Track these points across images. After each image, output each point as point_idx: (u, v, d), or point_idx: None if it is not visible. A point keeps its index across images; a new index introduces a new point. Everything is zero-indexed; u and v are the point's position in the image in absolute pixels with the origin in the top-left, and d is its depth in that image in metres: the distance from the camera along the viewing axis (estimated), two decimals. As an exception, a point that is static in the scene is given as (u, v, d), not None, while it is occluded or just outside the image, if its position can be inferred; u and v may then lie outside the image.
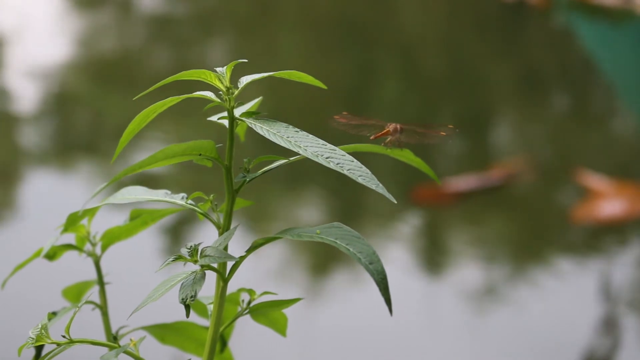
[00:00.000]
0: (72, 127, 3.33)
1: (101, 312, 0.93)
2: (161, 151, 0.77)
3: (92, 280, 0.94)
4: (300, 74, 0.80)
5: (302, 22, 4.55)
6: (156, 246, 2.29)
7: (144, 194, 0.84)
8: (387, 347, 1.99)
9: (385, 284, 0.68)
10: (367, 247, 0.70)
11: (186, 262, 0.74)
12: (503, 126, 3.44)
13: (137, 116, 0.79)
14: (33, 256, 0.91)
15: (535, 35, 4.44)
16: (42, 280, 1.80)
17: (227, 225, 0.79)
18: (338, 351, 1.95)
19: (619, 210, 2.57)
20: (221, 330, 0.81)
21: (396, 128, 0.85)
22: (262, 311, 0.84)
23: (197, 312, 0.89)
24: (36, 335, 0.77)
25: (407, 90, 3.69)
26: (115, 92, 3.59)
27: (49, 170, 2.85)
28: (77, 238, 0.93)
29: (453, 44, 4.22)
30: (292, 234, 0.73)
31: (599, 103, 3.67)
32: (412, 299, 2.15)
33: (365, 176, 0.72)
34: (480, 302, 2.16)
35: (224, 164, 0.78)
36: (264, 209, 2.51)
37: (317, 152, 0.73)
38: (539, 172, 2.82)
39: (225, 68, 0.79)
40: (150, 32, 4.51)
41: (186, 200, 0.82)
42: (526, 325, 2.06)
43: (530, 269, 2.34)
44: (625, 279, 2.25)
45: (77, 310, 0.78)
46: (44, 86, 3.53)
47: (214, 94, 0.79)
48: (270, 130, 0.76)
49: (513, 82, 3.79)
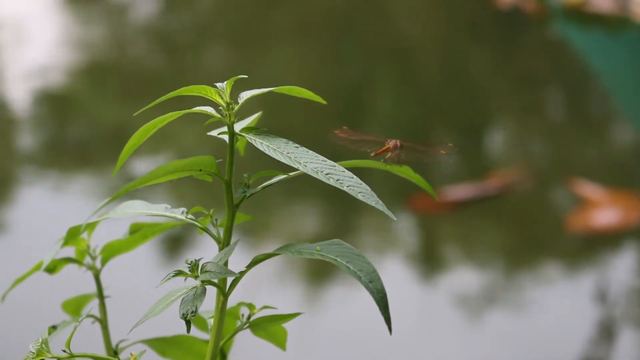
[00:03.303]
0: (67, 135, 3.32)
1: (101, 326, 0.93)
2: (161, 167, 0.78)
3: (91, 294, 0.94)
4: (300, 90, 0.80)
5: (298, 31, 4.56)
6: (156, 260, 2.29)
7: (144, 208, 0.84)
8: (382, 355, 1.99)
9: (385, 302, 0.69)
10: (368, 265, 0.70)
11: (187, 277, 0.75)
12: (499, 135, 3.44)
13: (138, 131, 0.79)
14: (33, 269, 0.92)
15: (531, 43, 4.45)
16: (42, 294, 1.80)
17: (227, 240, 0.79)
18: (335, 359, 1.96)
19: (614, 220, 2.57)
20: (221, 344, 0.82)
21: (396, 145, 0.85)
22: (262, 325, 0.85)
23: (197, 326, 0.90)
24: (37, 349, 0.77)
25: (403, 98, 3.69)
26: (111, 99, 3.59)
27: (44, 180, 2.85)
28: (77, 251, 0.94)
29: (449, 51, 4.22)
30: (293, 251, 0.74)
31: (596, 111, 3.68)
32: (408, 307, 2.15)
33: (365, 193, 0.72)
34: (475, 310, 2.16)
35: (224, 179, 0.79)
36: (260, 216, 2.51)
37: (317, 169, 0.74)
38: (535, 181, 2.83)
39: (225, 83, 0.79)
40: (145, 40, 4.51)
41: (186, 215, 0.83)
42: (522, 333, 2.07)
43: (525, 278, 2.34)
44: (620, 288, 2.25)
45: (77, 324, 0.78)
46: (37, 92, 3.53)
47: (214, 109, 0.79)
48: (271, 146, 0.76)
49: (509, 90, 3.80)
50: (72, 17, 4.65)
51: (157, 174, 0.76)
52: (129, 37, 4.55)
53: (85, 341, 0.92)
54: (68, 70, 3.82)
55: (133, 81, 3.82)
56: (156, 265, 2.26)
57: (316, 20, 4.67)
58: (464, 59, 4.10)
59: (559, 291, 2.25)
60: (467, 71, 3.95)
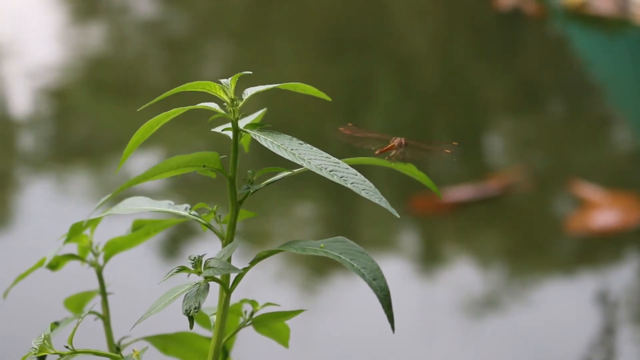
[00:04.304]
0: (70, 134, 3.32)
1: (103, 323, 0.93)
2: (165, 162, 0.77)
3: (94, 291, 0.94)
4: (305, 86, 0.80)
5: (299, 32, 4.56)
6: (159, 256, 2.29)
7: (147, 205, 0.84)
8: (382, 355, 1.99)
9: (388, 300, 0.68)
10: (371, 262, 0.70)
11: (190, 273, 0.74)
12: (500, 136, 3.44)
13: (141, 128, 0.78)
14: (35, 266, 0.92)
15: (531, 44, 4.45)
16: (44, 290, 1.80)
17: (231, 236, 0.79)
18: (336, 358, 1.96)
19: (614, 221, 2.57)
20: (224, 341, 0.82)
21: (401, 143, 0.85)
22: (265, 322, 0.84)
23: (200, 322, 0.89)
24: (39, 345, 0.77)
25: (404, 99, 3.69)
26: (113, 99, 3.59)
27: (47, 178, 2.85)
28: (80, 248, 0.93)
29: (449, 53, 4.22)
30: (296, 247, 0.74)
31: (596, 113, 3.68)
32: (410, 307, 2.15)
33: (369, 190, 0.72)
34: (476, 312, 2.16)
35: (228, 176, 0.78)
36: (262, 212, 2.51)
37: (320, 165, 0.73)
38: (536, 182, 2.83)
39: (229, 80, 0.79)
40: (147, 39, 4.51)
41: (189, 211, 0.82)
42: (522, 335, 2.07)
43: (526, 279, 2.34)
44: (621, 290, 2.25)
45: (80, 320, 0.78)
46: (40, 93, 3.53)
47: (218, 105, 0.79)
48: (275, 143, 0.76)
49: (509, 92, 3.80)
50: (71, 17, 4.65)
51: (161, 169, 0.76)
52: (130, 35, 4.55)
53: (87, 338, 0.92)
54: (69, 69, 3.82)
55: (135, 80, 3.82)
56: (159, 262, 2.26)
57: (316, 21, 4.67)
58: (465, 60, 4.10)
59: (559, 292, 2.25)
60: (467, 72, 3.95)
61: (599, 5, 4.48)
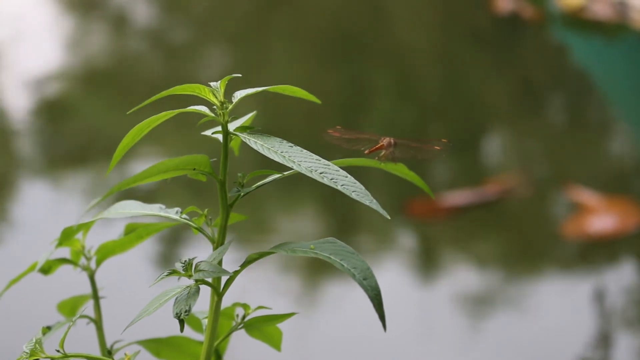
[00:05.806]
0: (64, 138, 3.32)
1: (96, 327, 0.93)
2: (155, 166, 0.78)
3: (86, 295, 0.94)
4: (294, 89, 0.80)
5: (296, 34, 4.56)
6: (151, 260, 2.29)
7: (139, 209, 0.84)
8: (379, 358, 1.99)
9: (379, 300, 0.68)
10: (362, 262, 0.70)
11: (180, 276, 0.74)
12: (497, 141, 3.44)
13: (131, 130, 0.79)
14: (27, 270, 0.91)
15: (529, 49, 4.45)
16: (37, 295, 1.80)
17: (222, 239, 0.79)
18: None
19: (611, 226, 2.57)
20: (216, 344, 0.82)
21: (390, 142, 0.85)
22: (257, 326, 0.84)
23: (192, 326, 0.89)
24: (30, 349, 0.77)
25: (401, 103, 3.69)
26: (107, 102, 3.59)
27: (41, 182, 2.84)
28: (72, 252, 0.93)
29: (447, 57, 4.22)
30: (287, 249, 0.74)
31: (594, 118, 3.68)
32: (407, 311, 2.15)
33: (359, 192, 0.72)
34: (473, 315, 2.16)
35: (218, 179, 0.78)
36: (255, 215, 2.51)
37: (311, 167, 0.73)
38: (533, 187, 2.83)
39: (219, 83, 0.79)
40: (143, 42, 4.51)
41: (180, 215, 0.82)
42: (519, 339, 2.06)
43: (523, 284, 2.34)
44: (618, 295, 2.25)
45: (71, 324, 0.78)
46: (36, 96, 3.53)
47: (208, 108, 0.79)
48: (265, 145, 0.76)
49: (507, 96, 3.80)
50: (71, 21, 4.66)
51: (150, 172, 0.76)
52: (128, 41, 4.55)
53: (80, 342, 0.92)
54: (67, 75, 3.82)
55: (132, 85, 3.82)
56: (151, 265, 2.26)
57: (315, 22, 4.68)
58: (463, 65, 4.10)
59: (556, 296, 2.25)
60: (465, 76, 3.96)
61: (597, 9, 4.48)
